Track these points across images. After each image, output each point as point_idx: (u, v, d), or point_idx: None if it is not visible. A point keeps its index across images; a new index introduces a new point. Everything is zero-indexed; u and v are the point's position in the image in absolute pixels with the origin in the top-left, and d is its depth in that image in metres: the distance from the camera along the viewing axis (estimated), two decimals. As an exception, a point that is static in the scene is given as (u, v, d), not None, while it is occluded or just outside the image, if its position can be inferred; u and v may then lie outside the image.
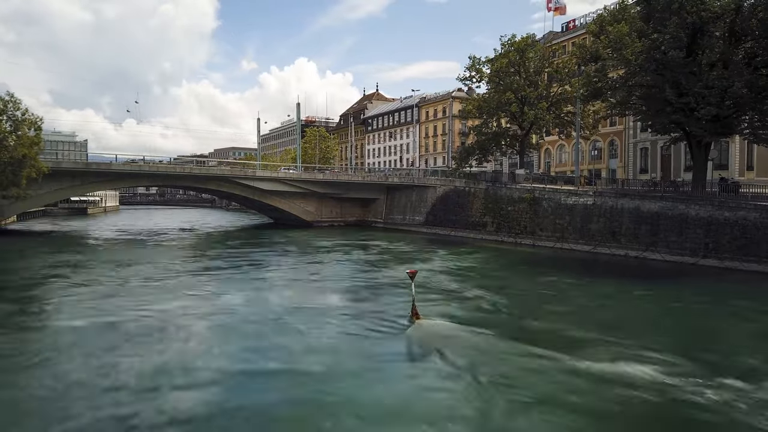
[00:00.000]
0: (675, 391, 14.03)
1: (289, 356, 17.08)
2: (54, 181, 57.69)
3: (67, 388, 14.20)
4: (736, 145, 48.76)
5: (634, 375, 15.03)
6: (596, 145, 66.22)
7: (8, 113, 52.90)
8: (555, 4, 70.42)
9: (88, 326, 20.34)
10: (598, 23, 44.01)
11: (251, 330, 20.16)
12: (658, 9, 37.73)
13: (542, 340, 18.56)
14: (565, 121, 58.09)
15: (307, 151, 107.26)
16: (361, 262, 39.45)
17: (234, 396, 13.85)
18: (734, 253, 34.67)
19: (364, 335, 19.42)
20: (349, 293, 28.07)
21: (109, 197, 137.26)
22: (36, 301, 25.78)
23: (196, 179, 69.28)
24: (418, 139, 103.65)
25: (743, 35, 36.67)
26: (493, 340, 18.54)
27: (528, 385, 14.43)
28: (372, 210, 76.57)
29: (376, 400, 13.82)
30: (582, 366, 15.72)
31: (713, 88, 35.01)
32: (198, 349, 17.83)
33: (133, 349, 17.45)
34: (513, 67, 56.88)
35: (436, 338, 18.52)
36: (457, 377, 15.10)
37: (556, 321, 21.57)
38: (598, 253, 41.87)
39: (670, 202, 39.43)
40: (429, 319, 20.49)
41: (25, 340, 18.86)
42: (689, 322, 22.62)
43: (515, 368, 15.78)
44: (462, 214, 59.06)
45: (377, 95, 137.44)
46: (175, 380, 14.73)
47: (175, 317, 21.71)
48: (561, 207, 47.21)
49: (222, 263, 38.77)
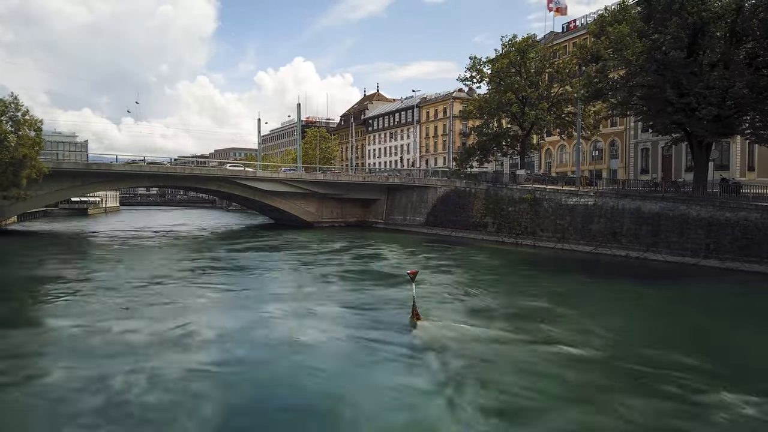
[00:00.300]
0: (683, 393, 14.00)
1: (287, 357, 17.04)
2: (54, 181, 57.66)
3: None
4: (737, 146, 48.73)
5: (641, 377, 14.98)
6: (597, 146, 66.19)
7: (9, 114, 52.97)
8: (555, 4, 70.35)
9: (81, 331, 20.28)
10: (598, 23, 43.96)
11: (249, 333, 20.02)
12: (659, 9, 37.71)
13: (544, 341, 18.50)
14: (566, 121, 58.04)
15: (307, 151, 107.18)
16: (360, 263, 39.42)
17: (231, 398, 13.82)
18: (735, 254, 34.60)
19: (363, 336, 19.33)
20: (348, 293, 27.98)
21: (109, 198, 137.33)
22: (35, 304, 25.74)
23: (197, 180, 69.22)
24: (419, 140, 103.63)
25: (744, 35, 36.61)
26: (494, 341, 18.51)
27: (531, 387, 14.35)
28: (373, 210, 76.53)
29: (374, 402, 13.77)
30: (587, 367, 15.69)
31: (714, 88, 34.98)
32: (194, 356, 17.68)
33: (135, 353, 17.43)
34: (514, 67, 56.82)
35: (437, 339, 18.43)
36: (457, 378, 15.00)
37: (558, 322, 21.47)
38: (599, 254, 41.81)
39: (671, 202, 39.36)
40: (430, 320, 20.43)
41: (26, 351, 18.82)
42: (697, 324, 22.53)
43: (517, 369, 15.71)
44: (463, 215, 59.01)
45: (378, 96, 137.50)
46: (173, 379, 14.70)
47: (176, 317, 21.65)
48: (562, 207, 47.15)
49: (224, 264, 38.72)
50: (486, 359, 16.68)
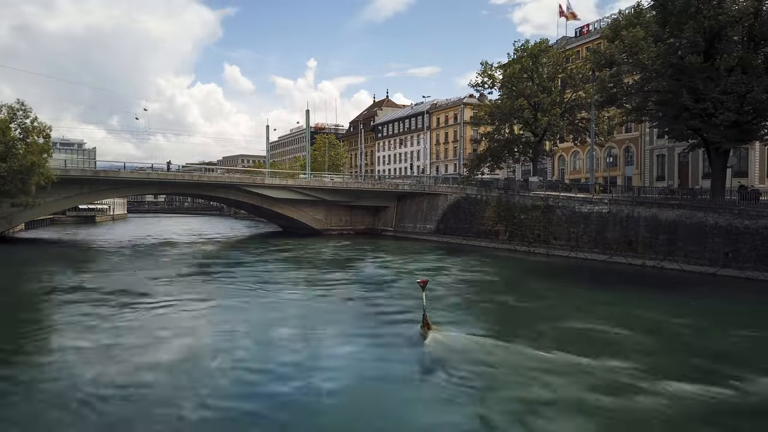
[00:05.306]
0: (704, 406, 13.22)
1: (298, 369, 16.57)
2: (62, 189, 57.46)
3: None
4: (755, 152, 47.83)
5: (659, 391, 14.31)
6: (611, 152, 65.24)
7: (18, 121, 52.88)
8: (567, 10, 69.94)
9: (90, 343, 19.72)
10: (612, 28, 43.34)
11: (259, 344, 19.53)
12: (675, 13, 36.88)
13: (560, 352, 17.71)
14: (579, 127, 57.31)
15: (316, 158, 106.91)
16: (370, 270, 38.90)
17: (241, 409, 13.52)
18: (755, 263, 33.63)
19: (374, 345, 19.15)
20: (357, 302, 27.54)
21: (117, 205, 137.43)
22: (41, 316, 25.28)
23: (204, 187, 68.91)
24: (429, 146, 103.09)
25: (762, 39, 35.78)
26: (506, 352, 17.91)
27: (545, 399, 13.89)
28: (382, 218, 75.85)
29: (386, 413, 13.52)
30: (604, 382, 14.97)
31: (732, 93, 34.17)
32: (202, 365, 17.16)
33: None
34: (526, 72, 56.21)
35: (448, 349, 17.93)
36: (470, 389, 14.68)
37: (572, 334, 20.79)
38: (614, 263, 40.90)
39: (688, 210, 38.48)
40: (441, 330, 19.84)
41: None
42: (720, 337, 21.65)
43: (531, 381, 15.17)
44: (474, 223, 58.24)
45: (387, 101, 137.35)
46: (181, 388, 14.34)
47: (181, 325, 21.12)
48: (575, 215, 46.32)
49: (233, 273, 38.23)
50: (499, 371, 16.14)
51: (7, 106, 52.65)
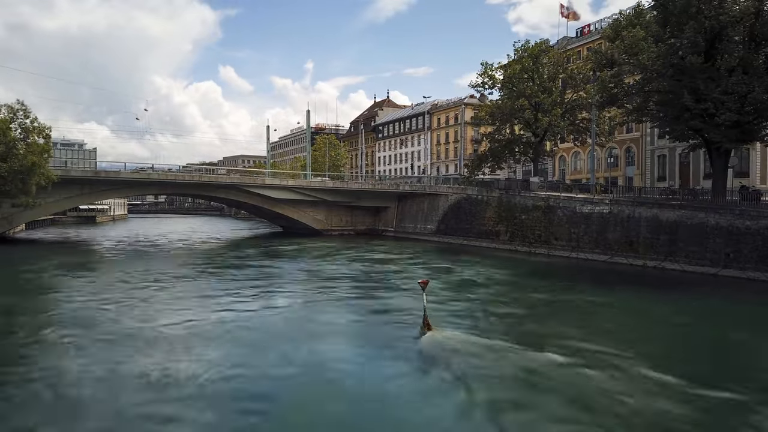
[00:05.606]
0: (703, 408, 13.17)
1: (298, 369, 16.53)
2: (63, 189, 57.48)
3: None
4: (756, 152, 47.76)
5: (659, 391, 14.29)
6: (612, 153, 65.22)
7: (18, 121, 52.87)
8: (567, 9, 69.88)
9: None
10: (613, 28, 43.28)
11: (260, 343, 19.58)
12: (675, 13, 36.82)
13: (560, 353, 17.63)
14: (580, 127, 57.24)
15: (317, 158, 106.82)
16: (370, 271, 38.80)
17: (241, 408, 13.49)
18: (757, 263, 33.54)
19: (375, 346, 19.18)
20: (358, 302, 27.56)
21: (117, 206, 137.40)
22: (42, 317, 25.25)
23: (205, 187, 68.91)
24: (430, 147, 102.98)
25: (764, 40, 35.69)
26: (507, 352, 17.81)
27: (544, 400, 13.84)
28: (383, 218, 75.79)
29: (386, 413, 13.53)
30: (603, 382, 14.94)
31: (733, 93, 34.11)
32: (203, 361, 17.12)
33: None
34: (526, 73, 56.13)
35: (449, 349, 17.90)
36: (470, 390, 14.57)
37: (573, 334, 20.66)
38: (615, 263, 40.81)
39: (689, 210, 38.41)
40: (441, 330, 19.80)
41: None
42: (723, 338, 21.61)
43: (531, 381, 15.18)
44: (474, 223, 58.17)
45: (388, 102, 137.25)
46: (174, 389, 14.35)
47: (177, 329, 21.09)
48: (576, 215, 46.25)
49: (233, 273, 38.24)
50: (499, 372, 16.08)
51: (8, 106, 52.77)
